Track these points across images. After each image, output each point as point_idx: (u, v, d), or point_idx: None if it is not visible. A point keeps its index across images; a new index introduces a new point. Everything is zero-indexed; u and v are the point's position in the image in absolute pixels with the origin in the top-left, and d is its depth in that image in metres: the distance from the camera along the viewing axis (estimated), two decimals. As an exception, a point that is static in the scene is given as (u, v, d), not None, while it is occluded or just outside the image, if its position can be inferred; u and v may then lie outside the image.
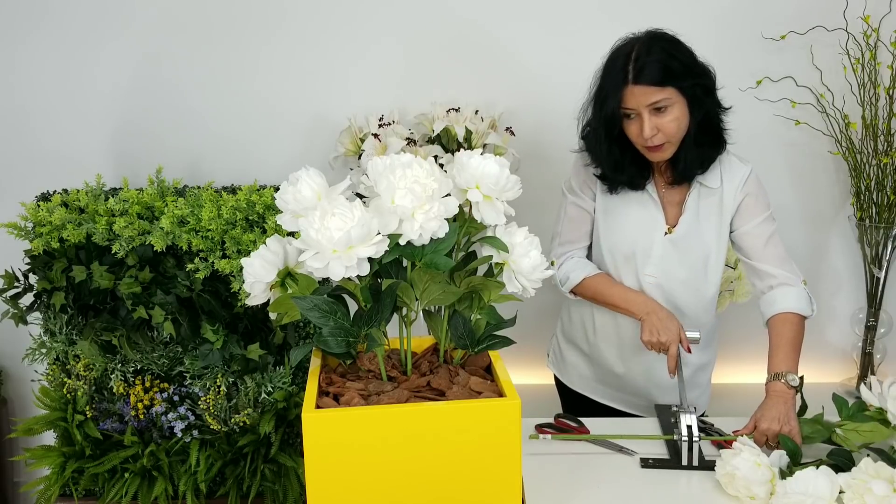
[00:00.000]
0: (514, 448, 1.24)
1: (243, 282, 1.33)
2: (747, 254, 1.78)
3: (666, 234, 1.78)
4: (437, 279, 1.28)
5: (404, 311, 1.35)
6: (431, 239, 1.26)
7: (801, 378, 1.64)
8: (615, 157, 1.72)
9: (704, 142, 1.70)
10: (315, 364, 1.36)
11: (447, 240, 1.26)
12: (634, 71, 1.60)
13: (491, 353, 1.40)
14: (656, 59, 1.60)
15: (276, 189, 1.63)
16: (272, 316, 1.35)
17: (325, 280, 1.28)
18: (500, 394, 1.28)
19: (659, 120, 1.62)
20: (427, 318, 1.43)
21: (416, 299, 1.32)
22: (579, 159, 1.83)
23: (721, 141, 1.73)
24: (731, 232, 1.79)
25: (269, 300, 1.33)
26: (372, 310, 1.28)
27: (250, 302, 1.33)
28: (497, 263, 1.37)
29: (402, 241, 1.24)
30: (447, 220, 1.26)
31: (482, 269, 1.40)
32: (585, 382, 1.97)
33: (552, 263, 1.62)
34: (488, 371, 1.40)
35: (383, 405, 1.23)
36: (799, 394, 1.64)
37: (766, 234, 1.76)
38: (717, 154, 1.73)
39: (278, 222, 1.29)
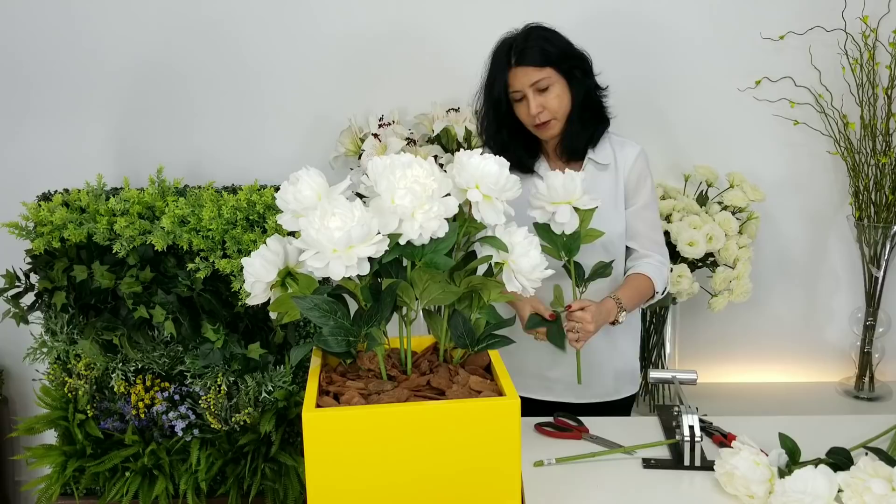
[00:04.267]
0: (513, 447, 1.25)
1: (244, 281, 1.34)
2: (628, 234, 1.90)
3: None
4: (436, 279, 1.29)
5: (404, 310, 1.36)
6: (431, 239, 1.26)
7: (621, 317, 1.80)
8: (503, 139, 1.88)
9: (587, 118, 1.87)
10: (315, 363, 1.37)
11: (447, 239, 1.26)
12: (516, 55, 1.81)
13: (490, 352, 1.41)
14: (534, 44, 1.81)
15: (277, 189, 1.63)
16: (272, 315, 1.36)
17: (326, 279, 1.28)
18: (500, 393, 1.29)
19: (543, 98, 1.80)
20: (427, 318, 1.43)
21: (416, 299, 1.32)
22: None
23: (602, 119, 1.90)
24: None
25: (269, 300, 1.34)
26: (372, 309, 1.28)
27: (251, 301, 1.33)
28: (497, 263, 1.37)
29: (402, 241, 1.25)
30: (447, 219, 1.27)
31: (482, 269, 1.40)
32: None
33: None
34: (488, 370, 1.41)
35: (383, 404, 1.24)
36: (616, 322, 1.80)
37: (648, 219, 1.90)
38: (601, 129, 1.89)
39: (279, 222, 1.30)
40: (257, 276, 1.30)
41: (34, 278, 1.95)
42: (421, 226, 1.24)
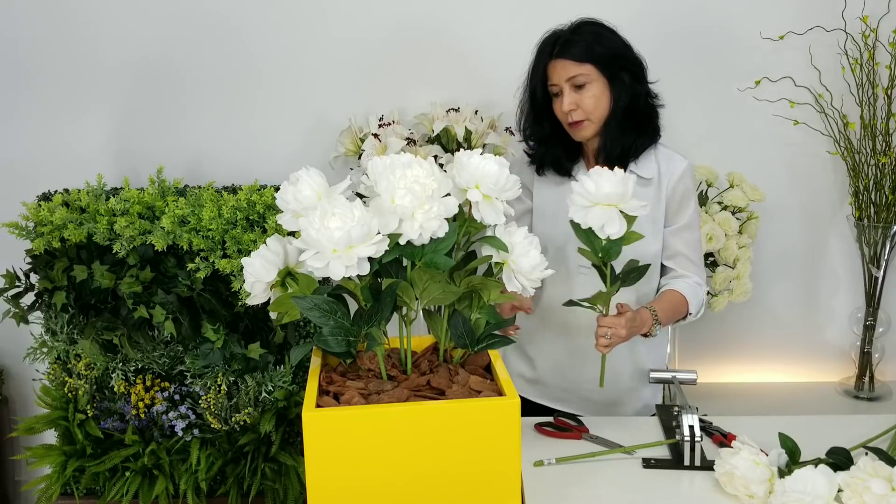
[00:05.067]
0: (513, 447, 1.25)
1: (244, 281, 1.34)
2: (665, 253, 1.81)
3: None
4: (436, 279, 1.29)
5: (404, 310, 1.36)
6: (431, 239, 1.26)
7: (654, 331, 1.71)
8: (544, 132, 1.81)
9: (629, 126, 1.75)
10: (315, 363, 1.37)
11: (447, 239, 1.27)
12: (559, 46, 1.73)
13: (490, 352, 1.41)
14: (580, 38, 1.72)
15: (277, 189, 1.63)
16: (272, 315, 1.36)
17: (326, 279, 1.28)
18: (500, 393, 1.29)
19: (578, 96, 1.72)
20: (427, 318, 1.43)
21: (416, 298, 1.32)
22: (524, 157, 1.89)
23: (649, 130, 1.78)
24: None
25: (269, 300, 1.34)
26: (372, 309, 1.28)
27: (251, 301, 1.33)
28: (496, 263, 1.37)
29: (402, 241, 1.25)
30: (447, 219, 1.27)
31: (482, 269, 1.40)
32: (528, 385, 1.94)
33: None
34: (488, 370, 1.40)
35: (383, 404, 1.24)
36: (650, 335, 1.71)
37: (688, 240, 1.80)
38: (644, 142, 1.78)
39: (279, 222, 1.30)
40: (257, 276, 1.30)
41: (34, 278, 1.95)
42: (421, 226, 1.24)
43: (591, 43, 1.71)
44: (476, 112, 2.24)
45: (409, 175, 1.25)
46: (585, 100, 1.72)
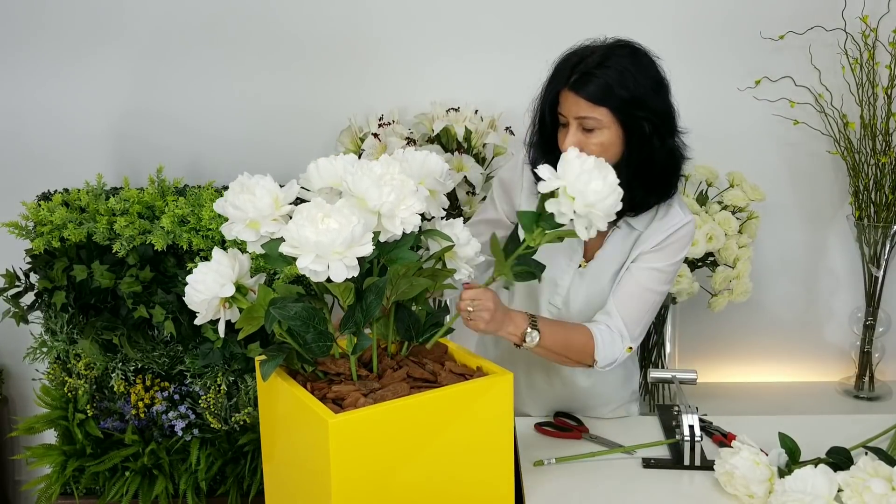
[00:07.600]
0: (507, 421, 1.31)
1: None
2: (614, 289, 1.61)
3: (580, 266, 1.66)
4: (409, 273, 1.30)
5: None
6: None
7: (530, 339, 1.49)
8: (553, 163, 1.54)
9: (638, 185, 1.51)
10: (282, 374, 1.34)
11: (410, 235, 1.27)
12: (577, 76, 1.47)
13: (446, 341, 1.44)
14: (604, 73, 1.46)
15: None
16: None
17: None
18: (480, 372, 1.33)
19: (584, 138, 1.48)
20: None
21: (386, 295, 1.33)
22: (519, 160, 1.71)
23: (661, 192, 1.56)
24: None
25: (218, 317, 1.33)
26: (357, 309, 1.27)
27: (199, 321, 1.29)
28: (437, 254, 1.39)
29: (384, 238, 1.25)
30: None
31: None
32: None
33: None
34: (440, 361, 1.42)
35: (405, 397, 1.24)
36: (520, 346, 1.50)
37: (642, 286, 1.58)
38: (653, 201, 1.57)
39: (223, 232, 1.27)
40: (211, 292, 1.26)
41: (34, 278, 1.95)
42: (402, 221, 1.24)
43: (612, 84, 1.45)
44: (476, 112, 2.24)
45: (389, 174, 1.25)
46: (590, 145, 1.47)
